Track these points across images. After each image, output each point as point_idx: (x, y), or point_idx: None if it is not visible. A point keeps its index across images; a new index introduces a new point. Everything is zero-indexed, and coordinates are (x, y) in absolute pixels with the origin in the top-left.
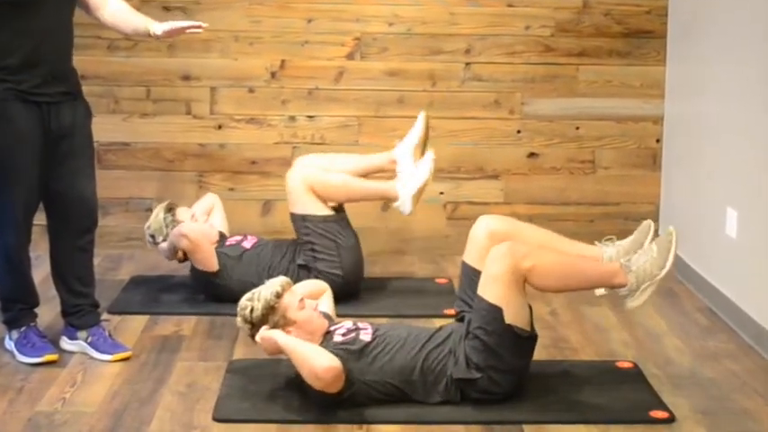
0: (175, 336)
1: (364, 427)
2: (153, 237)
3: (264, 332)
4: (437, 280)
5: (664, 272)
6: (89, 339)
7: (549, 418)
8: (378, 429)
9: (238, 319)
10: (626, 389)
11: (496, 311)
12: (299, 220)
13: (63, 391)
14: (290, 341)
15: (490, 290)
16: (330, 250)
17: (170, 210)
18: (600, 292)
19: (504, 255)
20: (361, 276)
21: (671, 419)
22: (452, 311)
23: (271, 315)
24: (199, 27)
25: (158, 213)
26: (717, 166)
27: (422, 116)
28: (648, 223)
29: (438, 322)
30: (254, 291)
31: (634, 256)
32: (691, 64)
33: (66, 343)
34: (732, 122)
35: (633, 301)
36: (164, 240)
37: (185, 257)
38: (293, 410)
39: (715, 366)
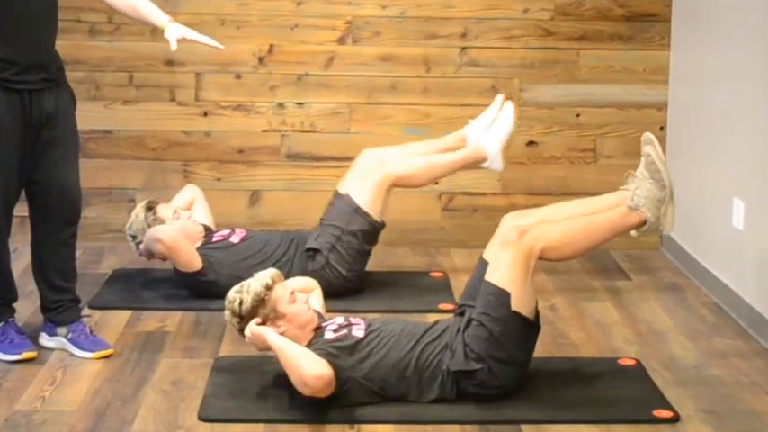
0: (159, 332)
1: (356, 426)
2: (134, 237)
3: (254, 327)
4: (432, 273)
5: (668, 188)
6: (69, 336)
7: (549, 417)
8: (370, 429)
9: (226, 312)
10: (628, 387)
11: (504, 296)
12: (349, 204)
13: (42, 390)
14: (281, 342)
15: (499, 275)
16: (351, 248)
17: (150, 208)
18: (634, 233)
19: (514, 242)
20: (361, 283)
21: (675, 419)
22: (448, 306)
23: (260, 308)
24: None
25: (138, 213)
26: (723, 154)
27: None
28: (647, 137)
29: (433, 317)
30: (242, 283)
31: (636, 192)
32: (696, 48)
33: (45, 339)
34: (739, 109)
35: (665, 228)
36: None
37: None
38: (282, 410)
39: (721, 364)
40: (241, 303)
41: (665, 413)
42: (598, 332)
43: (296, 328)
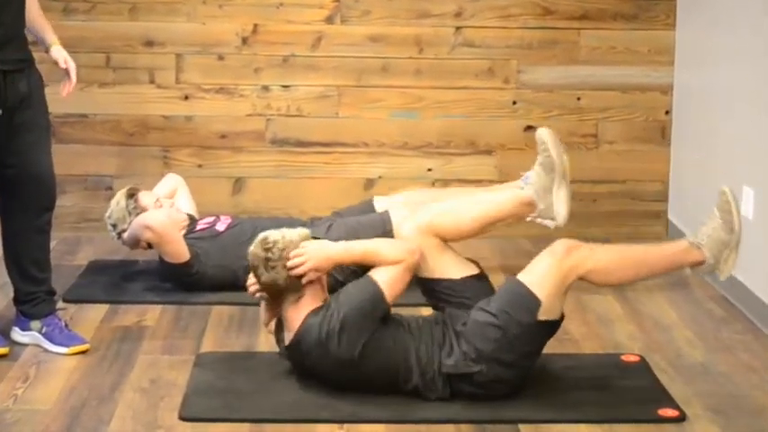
0: (138, 326)
1: (345, 426)
2: (114, 226)
3: (312, 242)
4: None
5: (736, 234)
6: (43, 330)
7: (548, 416)
8: (360, 429)
9: (264, 244)
10: (632, 385)
11: (534, 304)
12: (383, 225)
13: (14, 388)
14: (351, 244)
15: (535, 281)
16: None
17: (132, 195)
18: (688, 271)
19: (557, 256)
20: None
21: (681, 418)
22: None
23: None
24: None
25: (119, 200)
26: (731, 140)
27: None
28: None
29: (426, 311)
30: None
31: (702, 229)
32: (703, 28)
33: (17, 334)
34: (748, 92)
35: (722, 274)
36: (125, 230)
37: (150, 245)
38: (267, 408)
39: (730, 360)
40: (284, 236)
41: (671, 412)
42: (600, 327)
43: (319, 286)
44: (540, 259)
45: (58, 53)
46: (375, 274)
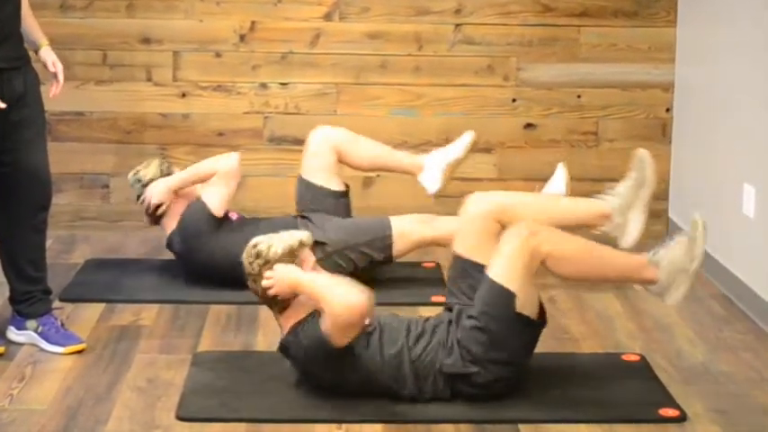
0: (134, 326)
1: (343, 426)
2: (139, 180)
3: (282, 267)
4: (424, 264)
5: (695, 265)
6: (39, 329)
7: (548, 416)
8: (359, 429)
9: (249, 254)
10: (632, 384)
11: (509, 297)
12: (383, 231)
13: (11, 387)
14: (313, 276)
15: (503, 272)
16: (353, 263)
17: (164, 158)
18: (637, 287)
19: (521, 236)
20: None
21: (682, 418)
22: (441, 299)
23: (287, 259)
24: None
25: (151, 162)
26: (733, 137)
27: (468, 137)
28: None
29: (425, 310)
30: (268, 235)
31: (662, 250)
32: (704, 24)
33: (13, 334)
34: (750, 90)
35: (669, 299)
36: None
37: (158, 219)
38: (265, 408)
39: (731, 359)
40: (270, 247)
41: (672, 412)
42: (600, 326)
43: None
44: (505, 242)
45: (47, 55)
46: (321, 320)
